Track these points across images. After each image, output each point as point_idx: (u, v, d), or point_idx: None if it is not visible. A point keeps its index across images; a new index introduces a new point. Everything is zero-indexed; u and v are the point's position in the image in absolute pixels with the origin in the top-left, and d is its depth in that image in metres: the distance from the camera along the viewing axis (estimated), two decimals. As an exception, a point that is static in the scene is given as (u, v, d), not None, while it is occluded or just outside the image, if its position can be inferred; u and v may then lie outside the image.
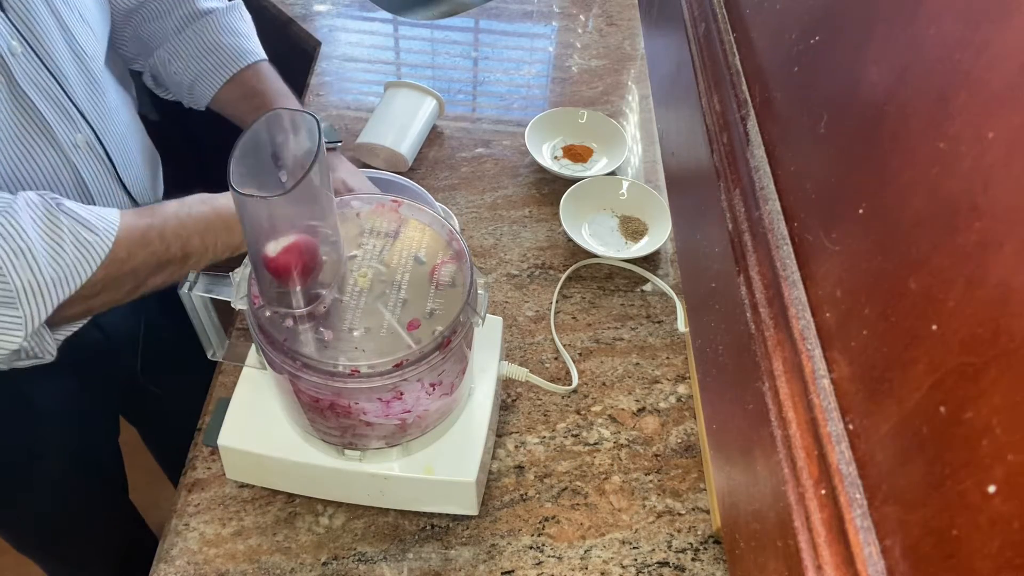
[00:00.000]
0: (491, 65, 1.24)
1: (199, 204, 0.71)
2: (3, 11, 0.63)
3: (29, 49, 0.65)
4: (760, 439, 0.32)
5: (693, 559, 0.71)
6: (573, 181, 0.99)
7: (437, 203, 0.95)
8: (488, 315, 0.67)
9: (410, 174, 1.02)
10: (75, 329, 0.75)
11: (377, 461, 0.66)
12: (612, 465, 0.77)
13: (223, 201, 0.72)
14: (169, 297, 0.87)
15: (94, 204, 0.73)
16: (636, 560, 0.71)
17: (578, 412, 0.81)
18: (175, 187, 0.94)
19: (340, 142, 0.96)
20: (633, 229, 0.97)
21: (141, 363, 0.93)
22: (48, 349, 0.66)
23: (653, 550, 0.72)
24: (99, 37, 0.74)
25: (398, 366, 0.56)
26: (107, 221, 0.64)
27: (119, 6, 0.82)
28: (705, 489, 0.76)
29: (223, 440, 0.68)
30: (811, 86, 0.34)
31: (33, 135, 0.66)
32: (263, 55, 0.89)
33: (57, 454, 0.86)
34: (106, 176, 0.74)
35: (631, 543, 0.72)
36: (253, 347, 0.70)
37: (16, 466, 0.84)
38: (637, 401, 0.82)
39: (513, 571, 0.70)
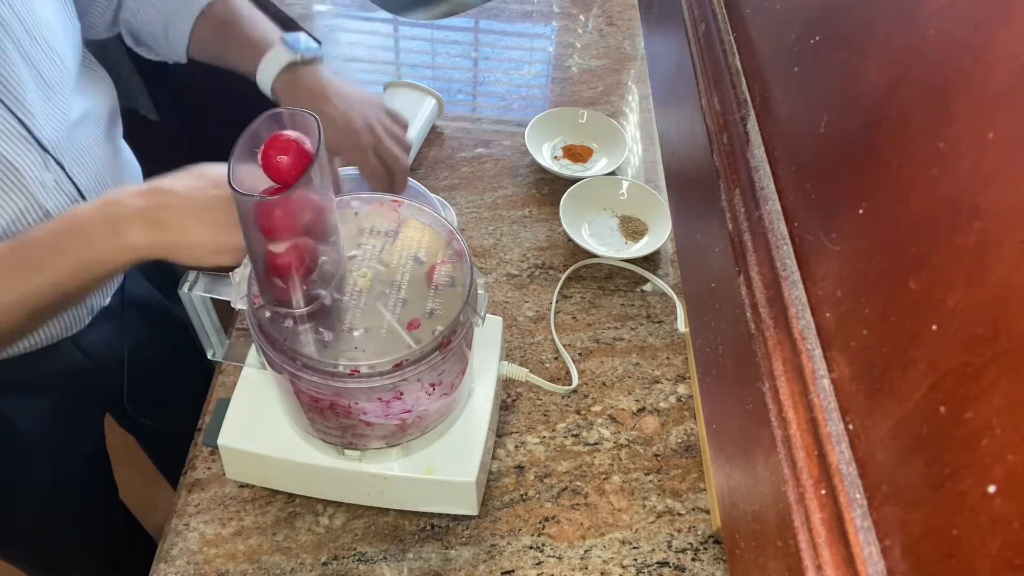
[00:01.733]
0: (491, 65, 1.24)
1: (67, 231, 0.60)
2: None
3: None
4: (760, 439, 0.32)
5: (693, 559, 0.71)
6: (573, 181, 0.99)
7: (433, 195, 0.95)
8: (488, 315, 0.67)
9: (410, 174, 1.02)
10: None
11: (377, 461, 0.66)
12: (612, 465, 0.77)
13: (95, 219, 0.60)
14: (154, 312, 0.86)
15: None
16: (636, 560, 0.71)
17: (578, 412, 0.81)
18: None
19: (320, 48, 0.82)
20: (633, 229, 0.97)
21: (128, 382, 0.90)
22: None
23: (653, 550, 0.72)
24: (68, 65, 0.71)
25: (398, 366, 0.56)
26: None
27: None
28: (705, 489, 0.76)
29: (223, 440, 0.68)
30: (811, 86, 0.34)
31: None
32: None
33: (41, 471, 0.85)
34: None
35: (631, 543, 0.72)
36: (253, 347, 0.70)
37: None
38: (637, 401, 0.82)
39: (513, 571, 0.70)
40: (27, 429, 0.81)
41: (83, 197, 0.72)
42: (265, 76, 0.78)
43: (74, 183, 0.71)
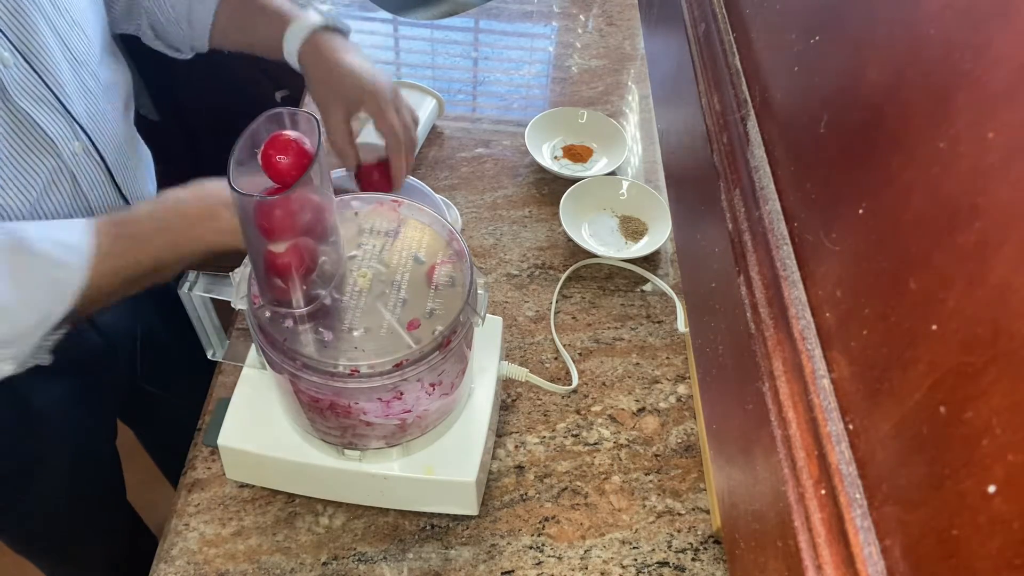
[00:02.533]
0: (491, 65, 1.24)
1: (170, 212, 0.69)
2: None
3: (22, 59, 0.64)
4: (760, 439, 0.32)
5: (693, 559, 0.71)
6: (573, 181, 0.99)
7: (437, 196, 0.95)
8: (488, 315, 0.67)
9: (410, 173, 1.02)
10: (66, 329, 0.75)
11: (377, 461, 0.66)
12: (612, 465, 0.77)
13: (192, 203, 0.69)
14: (166, 299, 0.87)
15: (91, 209, 0.72)
16: (636, 560, 0.71)
17: (578, 412, 0.81)
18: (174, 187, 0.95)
19: (350, 30, 0.87)
20: (633, 229, 0.97)
21: (140, 366, 0.93)
22: (42, 356, 0.67)
23: (653, 550, 0.72)
24: (92, 39, 0.73)
25: (398, 366, 0.56)
26: (77, 252, 0.63)
27: None
28: (705, 489, 0.76)
29: (223, 440, 0.68)
30: (811, 86, 0.34)
31: (31, 147, 0.66)
32: None
33: (56, 458, 0.86)
34: (102, 181, 0.74)
35: (631, 543, 0.72)
36: (253, 347, 0.70)
37: (15, 470, 0.84)
38: (637, 401, 0.82)
39: (513, 571, 0.70)
40: (45, 412, 0.81)
41: (108, 167, 0.75)
42: (291, 44, 0.81)
43: (100, 153, 0.74)
